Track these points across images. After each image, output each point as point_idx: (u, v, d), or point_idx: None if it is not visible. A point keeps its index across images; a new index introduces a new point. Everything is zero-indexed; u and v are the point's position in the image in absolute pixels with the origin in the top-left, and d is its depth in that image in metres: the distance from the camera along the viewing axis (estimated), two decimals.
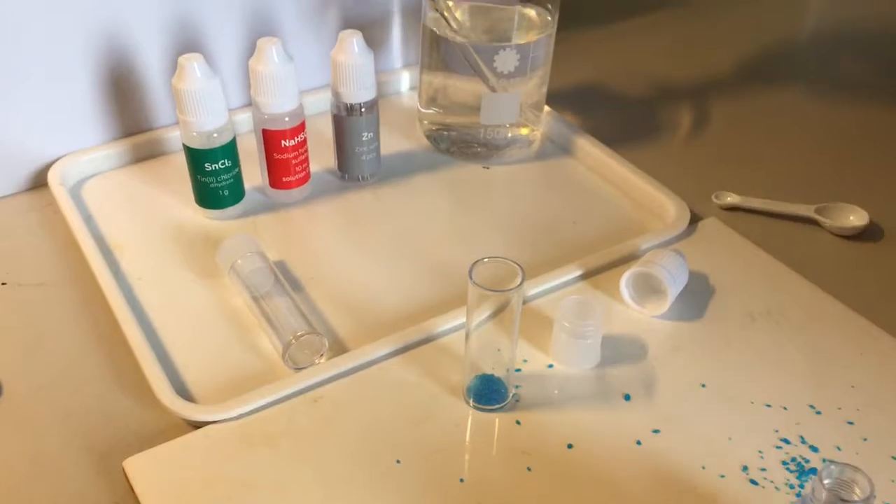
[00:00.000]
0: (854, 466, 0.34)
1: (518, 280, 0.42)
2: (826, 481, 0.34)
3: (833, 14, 0.95)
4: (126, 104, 0.65)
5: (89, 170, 0.65)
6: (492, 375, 0.47)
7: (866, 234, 0.60)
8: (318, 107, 0.69)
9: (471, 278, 0.42)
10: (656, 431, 0.46)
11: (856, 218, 0.60)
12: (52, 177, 0.62)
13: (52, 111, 0.62)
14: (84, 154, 0.64)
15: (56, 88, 0.62)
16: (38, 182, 0.64)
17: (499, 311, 0.44)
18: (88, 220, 0.60)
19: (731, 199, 0.63)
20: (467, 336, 0.45)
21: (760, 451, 0.45)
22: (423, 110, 0.68)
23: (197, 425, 0.46)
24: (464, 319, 0.46)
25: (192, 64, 0.54)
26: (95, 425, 0.46)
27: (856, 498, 0.33)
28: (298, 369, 0.49)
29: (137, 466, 0.43)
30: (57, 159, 0.64)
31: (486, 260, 0.42)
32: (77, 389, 0.48)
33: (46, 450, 0.45)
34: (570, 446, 0.45)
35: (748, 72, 0.83)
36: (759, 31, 0.89)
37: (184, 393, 0.48)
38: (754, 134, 0.73)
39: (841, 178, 0.67)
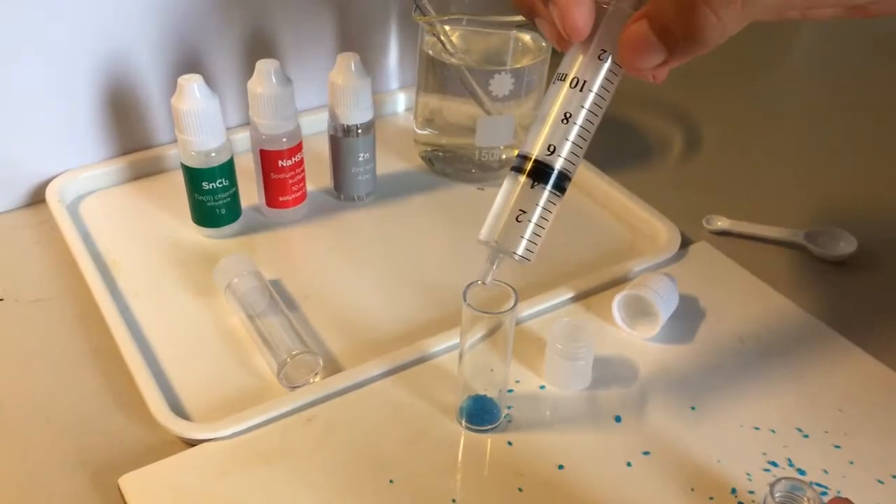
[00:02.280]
0: (805, 482, 0.35)
1: (511, 302, 0.43)
2: (777, 495, 0.35)
3: (823, 40, 0.97)
4: (125, 122, 0.66)
5: (87, 187, 0.65)
6: (484, 396, 0.47)
7: (855, 260, 0.61)
8: (315, 126, 0.70)
9: (465, 300, 0.42)
10: (646, 453, 0.46)
11: (845, 244, 0.61)
12: (51, 193, 0.63)
13: (51, 128, 0.63)
14: (83, 171, 0.65)
15: (55, 106, 0.62)
16: (37, 198, 0.64)
17: (492, 333, 0.44)
18: (86, 236, 0.61)
19: (722, 223, 0.64)
20: (461, 357, 0.45)
21: (749, 474, 0.45)
22: (418, 131, 0.69)
23: (192, 443, 0.46)
24: (457, 340, 0.47)
25: (192, 85, 0.55)
26: (91, 442, 0.46)
27: None
28: (293, 388, 0.49)
29: (132, 484, 0.43)
30: (55, 176, 0.64)
31: (479, 282, 0.43)
32: (73, 406, 0.49)
33: (41, 466, 0.45)
34: (560, 467, 0.45)
35: (740, 96, 0.84)
36: (750, 55, 0.90)
37: (179, 410, 0.48)
38: (745, 159, 0.74)
39: (831, 204, 0.68)
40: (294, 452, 0.45)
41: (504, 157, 0.67)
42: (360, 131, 0.62)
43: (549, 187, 0.36)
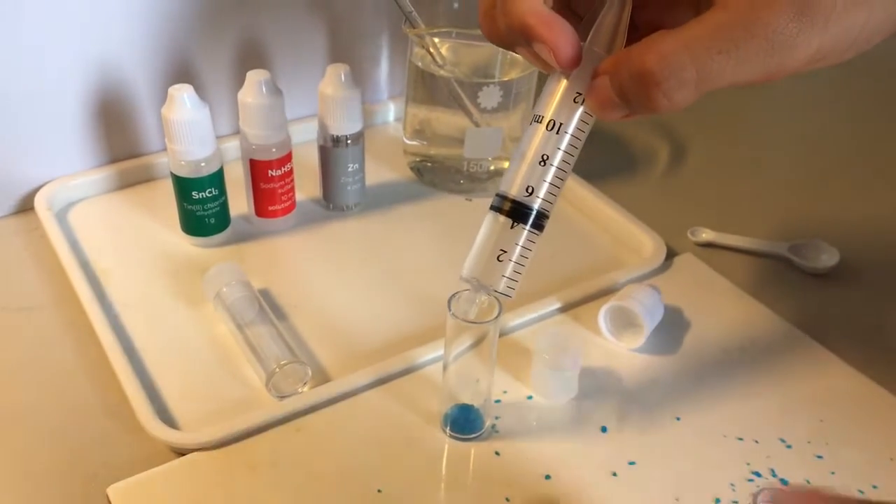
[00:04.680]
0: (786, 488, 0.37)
1: (496, 312, 0.43)
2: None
3: None
4: (115, 130, 0.66)
5: (77, 194, 0.65)
6: (469, 405, 0.47)
7: (837, 273, 0.62)
8: (304, 135, 0.70)
9: (450, 310, 0.43)
10: (632, 463, 0.47)
11: (827, 257, 0.62)
12: (40, 201, 0.63)
13: (40, 135, 0.63)
14: (72, 179, 0.65)
15: (45, 113, 0.62)
16: (25, 206, 0.64)
17: (478, 343, 0.45)
18: (75, 244, 0.61)
19: (707, 235, 0.65)
20: (445, 367, 0.46)
21: (732, 484, 0.46)
22: (407, 142, 0.70)
23: (181, 452, 0.46)
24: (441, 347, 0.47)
25: (182, 95, 0.55)
26: (79, 451, 0.46)
27: None
28: (282, 398, 0.49)
29: (121, 493, 0.43)
30: (45, 184, 0.64)
31: (464, 292, 0.43)
32: (61, 415, 0.49)
33: (30, 475, 0.45)
34: (547, 477, 0.46)
35: (725, 109, 0.85)
36: None
37: (168, 420, 0.48)
38: (731, 171, 0.75)
39: (814, 217, 0.69)
40: (283, 462, 0.46)
41: (492, 168, 0.67)
42: (349, 142, 0.62)
43: (528, 227, 0.37)
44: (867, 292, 0.61)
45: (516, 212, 0.37)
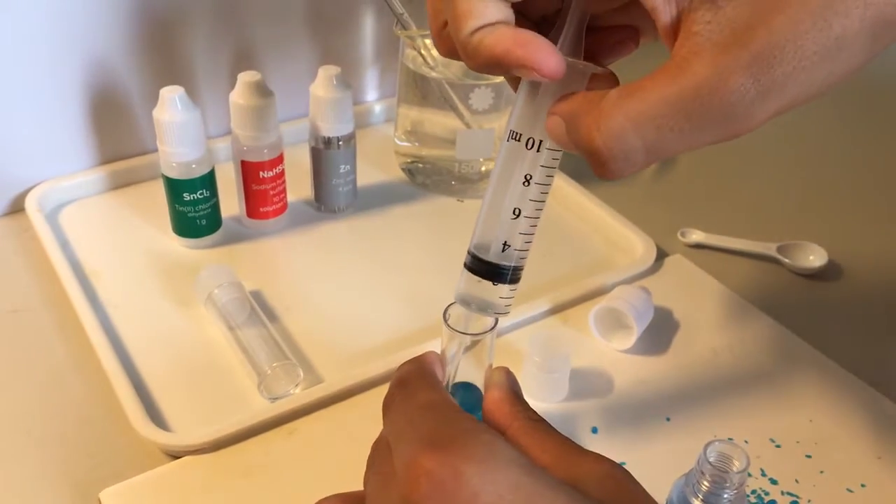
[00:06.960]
0: (734, 443, 0.38)
1: (492, 322, 0.43)
2: (710, 457, 0.38)
3: None
4: (107, 131, 0.66)
5: (67, 196, 0.65)
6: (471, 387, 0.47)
7: (825, 273, 0.62)
8: (296, 137, 0.70)
9: (445, 322, 0.42)
10: (623, 464, 0.47)
11: (815, 258, 0.63)
12: (30, 202, 0.63)
13: (31, 136, 0.63)
14: (63, 180, 0.65)
15: (37, 114, 0.62)
16: (16, 207, 0.64)
17: (472, 346, 0.45)
18: (65, 246, 0.61)
19: (696, 236, 0.65)
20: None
21: None
22: (399, 143, 0.70)
23: (173, 455, 0.46)
24: (437, 352, 0.47)
25: (174, 97, 0.55)
26: (71, 455, 0.46)
27: (734, 469, 0.37)
28: (274, 399, 0.50)
29: (114, 498, 0.43)
30: (35, 185, 0.64)
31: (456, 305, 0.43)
32: (52, 418, 0.49)
33: (21, 479, 0.45)
34: None
35: None
36: None
37: (160, 422, 0.48)
38: (720, 173, 0.75)
39: (802, 218, 0.69)
40: (275, 466, 0.46)
41: (483, 169, 0.68)
42: (340, 143, 0.62)
43: (507, 281, 0.36)
44: (855, 293, 0.61)
45: (492, 273, 0.37)
